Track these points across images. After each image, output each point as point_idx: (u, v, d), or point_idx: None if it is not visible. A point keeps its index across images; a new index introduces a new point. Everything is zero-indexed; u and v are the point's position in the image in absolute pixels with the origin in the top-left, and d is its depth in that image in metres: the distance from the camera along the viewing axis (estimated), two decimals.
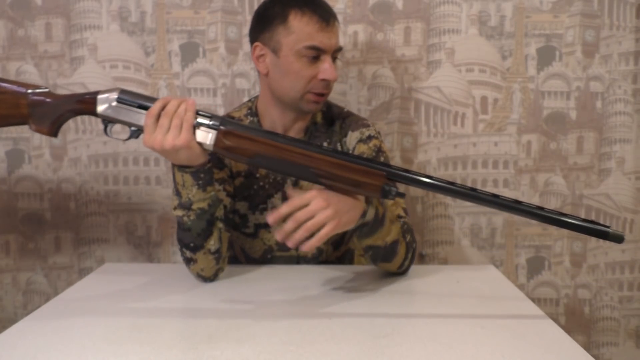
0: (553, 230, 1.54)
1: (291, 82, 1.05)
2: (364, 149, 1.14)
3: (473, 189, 0.85)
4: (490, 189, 1.52)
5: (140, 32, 1.48)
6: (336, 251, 1.20)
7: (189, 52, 1.49)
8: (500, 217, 1.54)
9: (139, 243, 1.55)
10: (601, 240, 1.54)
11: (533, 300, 1.21)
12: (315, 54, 1.03)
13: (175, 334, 0.81)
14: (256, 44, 1.07)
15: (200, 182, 0.94)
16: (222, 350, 0.75)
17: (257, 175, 1.14)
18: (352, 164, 0.87)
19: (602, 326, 1.58)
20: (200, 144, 0.89)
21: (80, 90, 1.48)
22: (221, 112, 1.46)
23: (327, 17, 1.03)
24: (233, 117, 1.14)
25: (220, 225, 1.01)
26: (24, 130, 1.49)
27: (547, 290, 1.57)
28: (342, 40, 1.47)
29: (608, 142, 1.52)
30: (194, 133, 0.88)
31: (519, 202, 0.84)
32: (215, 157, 1.11)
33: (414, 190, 1.53)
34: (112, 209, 1.54)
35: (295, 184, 1.14)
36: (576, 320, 1.58)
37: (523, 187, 1.53)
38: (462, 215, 1.54)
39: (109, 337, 0.79)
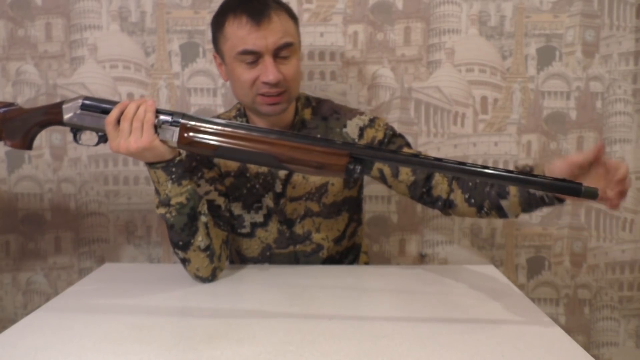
0: (553, 230, 1.54)
1: (239, 89, 1.05)
2: (373, 134, 1.14)
3: (438, 159, 0.84)
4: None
5: (140, 32, 1.48)
6: (337, 246, 1.20)
7: (189, 52, 1.49)
8: None
9: (139, 243, 1.55)
10: (601, 240, 1.55)
11: (533, 300, 1.22)
12: (252, 58, 1.00)
13: (175, 334, 0.81)
14: (214, 54, 1.10)
15: (173, 176, 0.94)
16: (222, 350, 0.75)
17: (248, 174, 1.14)
18: (313, 146, 0.87)
19: (602, 326, 1.58)
20: (164, 142, 0.90)
21: (80, 90, 1.48)
22: (221, 112, 1.46)
23: (257, 18, 0.99)
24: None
25: (204, 220, 1.00)
26: None
27: (547, 290, 1.57)
28: (342, 40, 1.47)
29: (608, 142, 1.52)
30: (156, 132, 0.89)
31: (486, 167, 0.82)
32: (204, 157, 1.11)
33: None
34: (112, 209, 1.54)
35: (286, 182, 1.14)
36: (576, 320, 1.58)
37: None
38: None
39: (109, 337, 0.79)
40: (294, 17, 1.07)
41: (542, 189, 0.83)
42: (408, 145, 1.15)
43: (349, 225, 1.21)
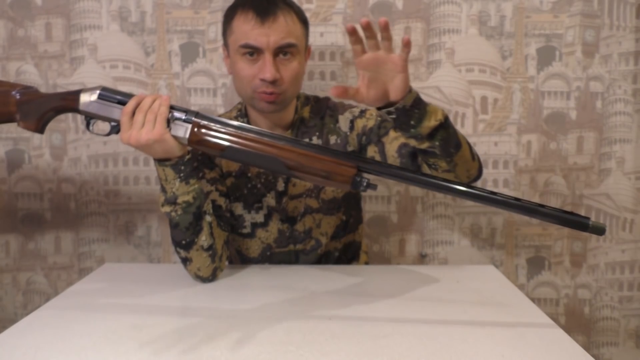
0: (553, 230, 1.54)
1: (239, 82, 1.07)
2: (364, 123, 1.14)
3: (445, 180, 0.83)
4: (490, 189, 1.52)
5: (140, 32, 1.48)
6: (335, 242, 1.21)
7: (189, 52, 1.49)
8: (500, 217, 1.54)
9: (139, 243, 1.55)
10: (601, 240, 1.55)
11: (533, 300, 1.22)
12: (253, 53, 1.02)
13: (175, 334, 0.81)
14: (222, 46, 1.12)
15: (181, 174, 0.95)
16: (222, 350, 0.75)
17: (249, 174, 1.15)
18: (322, 155, 0.87)
19: (602, 326, 1.58)
20: (175, 137, 0.91)
21: None
22: (221, 112, 1.46)
23: (263, 14, 1.01)
24: None
25: (209, 219, 1.01)
26: (24, 130, 1.49)
27: (547, 290, 1.57)
28: (342, 40, 1.47)
29: (608, 142, 1.52)
30: (168, 127, 0.90)
31: (494, 193, 0.81)
32: (205, 158, 1.13)
33: (413, 190, 1.53)
34: (112, 209, 1.54)
35: (287, 182, 1.14)
36: (576, 320, 1.58)
37: (523, 187, 1.53)
38: (462, 215, 1.54)
39: (109, 336, 0.79)
40: (304, 21, 1.09)
41: (550, 221, 0.81)
42: None
43: (348, 221, 1.22)
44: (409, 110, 0.87)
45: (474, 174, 1.03)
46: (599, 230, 0.79)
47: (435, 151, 0.93)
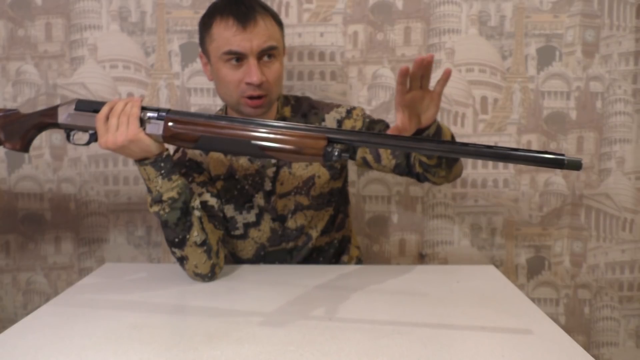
0: (553, 230, 1.54)
1: (224, 88, 1.08)
2: (352, 124, 1.16)
3: (415, 139, 0.83)
4: (490, 189, 1.53)
5: (140, 32, 1.48)
6: (325, 237, 1.22)
7: (189, 52, 1.49)
8: (500, 217, 1.54)
9: (139, 243, 1.55)
10: (601, 240, 1.55)
11: (533, 300, 1.22)
12: (237, 58, 1.04)
13: (175, 334, 0.81)
14: (200, 53, 1.14)
15: (162, 171, 0.97)
16: (222, 350, 0.75)
17: (237, 176, 1.16)
18: (291, 131, 0.87)
19: (602, 326, 1.58)
20: (150, 136, 0.93)
21: (80, 91, 1.49)
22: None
23: (243, 20, 1.02)
24: None
25: (198, 214, 1.01)
26: None
27: (547, 290, 1.57)
28: (342, 40, 1.47)
29: (608, 142, 1.52)
30: (143, 127, 0.93)
31: (465, 144, 0.80)
32: (193, 163, 1.14)
33: (413, 190, 1.53)
34: (112, 209, 1.54)
35: (274, 179, 1.15)
36: (576, 320, 1.58)
37: (523, 187, 1.53)
38: (462, 215, 1.54)
39: (109, 336, 0.79)
40: (279, 23, 1.11)
41: (524, 163, 0.80)
42: (389, 127, 1.14)
43: (336, 216, 1.23)
44: (430, 137, 0.95)
45: (459, 174, 1.12)
46: (576, 165, 0.76)
47: (442, 165, 1.01)
